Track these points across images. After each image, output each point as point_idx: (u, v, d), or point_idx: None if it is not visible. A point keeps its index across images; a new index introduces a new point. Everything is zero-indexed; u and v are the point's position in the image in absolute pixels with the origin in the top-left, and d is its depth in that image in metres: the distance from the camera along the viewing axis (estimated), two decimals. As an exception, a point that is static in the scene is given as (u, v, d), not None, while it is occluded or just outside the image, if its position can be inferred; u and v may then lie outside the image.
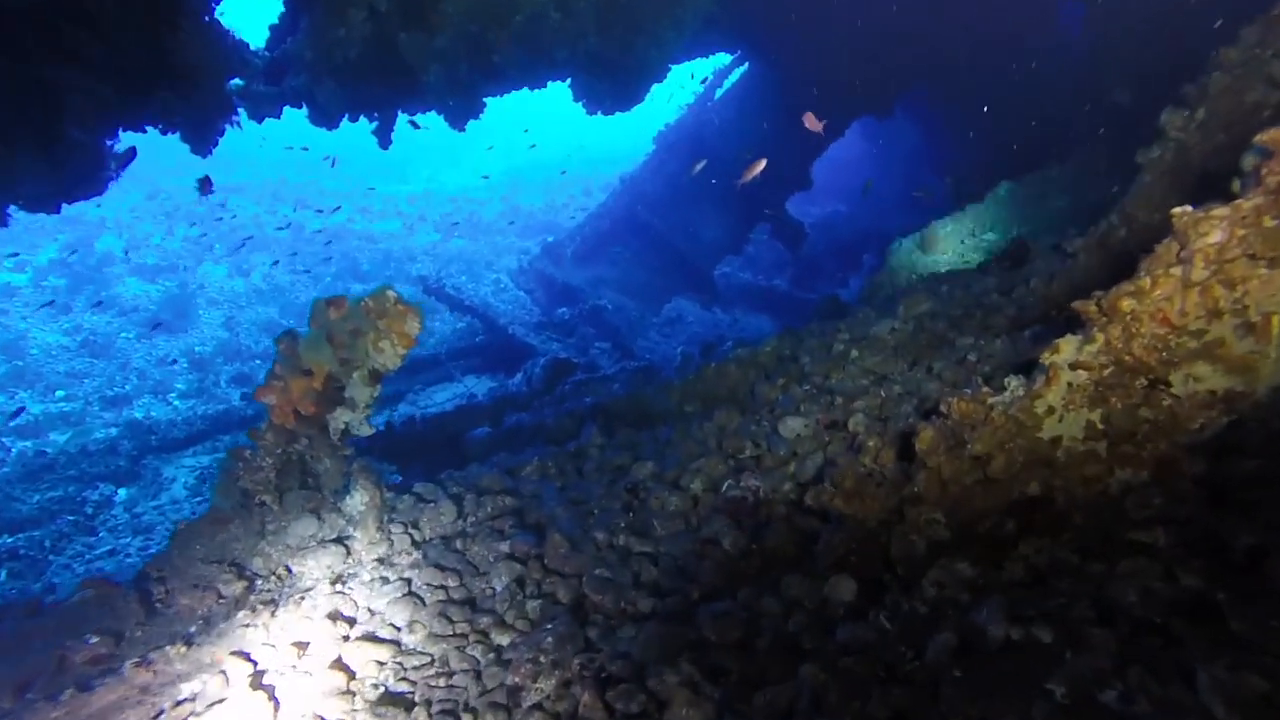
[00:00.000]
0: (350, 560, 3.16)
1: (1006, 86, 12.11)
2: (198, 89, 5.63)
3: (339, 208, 21.93)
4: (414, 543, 3.28)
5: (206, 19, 5.51)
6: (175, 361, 12.17)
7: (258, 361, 12.99)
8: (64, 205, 6.06)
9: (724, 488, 3.24)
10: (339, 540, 3.25)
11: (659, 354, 14.56)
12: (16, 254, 16.22)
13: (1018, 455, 2.22)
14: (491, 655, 2.42)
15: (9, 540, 6.70)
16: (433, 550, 3.14)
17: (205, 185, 5.48)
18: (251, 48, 6.38)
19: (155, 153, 10.67)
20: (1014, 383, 2.33)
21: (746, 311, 17.39)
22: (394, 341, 3.02)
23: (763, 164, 8.29)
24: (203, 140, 6.03)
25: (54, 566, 6.34)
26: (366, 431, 3.28)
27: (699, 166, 9.60)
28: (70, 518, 7.09)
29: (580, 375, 8.81)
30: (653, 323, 16.00)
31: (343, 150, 18.06)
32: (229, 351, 13.14)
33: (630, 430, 5.08)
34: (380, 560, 3.10)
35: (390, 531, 3.33)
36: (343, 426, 3.19)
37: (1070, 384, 2.16)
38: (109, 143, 6.14)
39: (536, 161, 31.34)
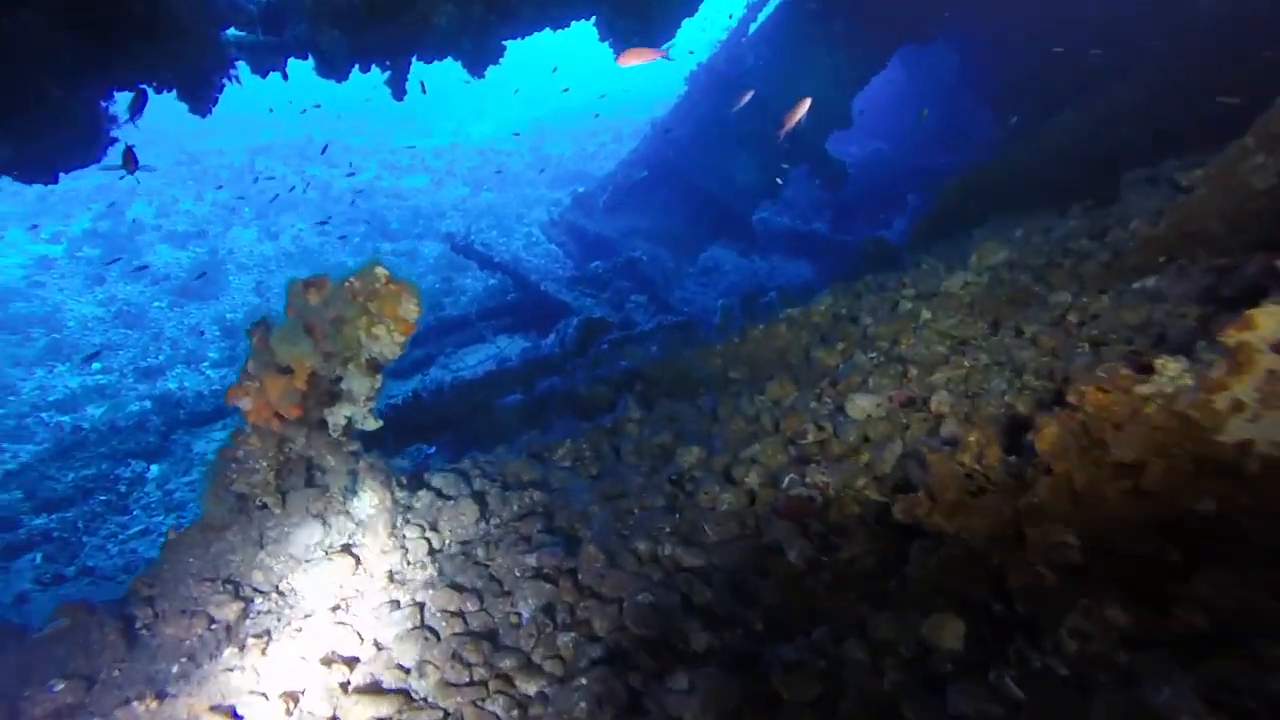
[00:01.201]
0: (360, 572, 2.79)
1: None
2: (184, 40, 5.15)
3: (353, 173, 21.53)
4: (431, 550, 2.89)
5: (190, -40, 4.99)
6: (204, 332, 12.00)
7: (289, 327, 12.77)
8: (62, 175, 5.70)
9: (785, 483, 2.77)
10: (347, 548, 2.88)
11: (697, 305, 14.03)
12: (36, 225, 16.20)
13: (1185, 463, 1.70)
14: (516, 713, 2.02)
15: (42, 521, 6.58)
16: (450, 564, 2.74)
17: (129, 160, 5.04)
18: (244, -8, 5.86)
19: (182, 116, 10.37)
20: (1173, 367, 1.79)
21: (785, 257, 16.70)
22: (390, 327, 2.57)
23: (806, 105, 7.58)
24: (200, 99, 5.58)
25: (88, 548, 6.20)
26: (373, 425, 2.87)
27: (745, 99, 8.85)
28: (103, 497, 6.94)
29: (615, 334, 8.35)
30: (689, 272, 15.43)
31: (365, 105, 17.55)
32: (260, 317, 12.94)
33: (670, 402, 4.61)
34: (391, 576, 2.72)
35: (404, 536, 2.94)
36: (344, 422, 2.78)
37: (1273, 372, 1.62)
38: (103, 104, 5.72)
39: (564, 108, 30.40)
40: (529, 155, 24.22)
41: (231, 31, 5.80)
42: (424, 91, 7.43)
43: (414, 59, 7.49)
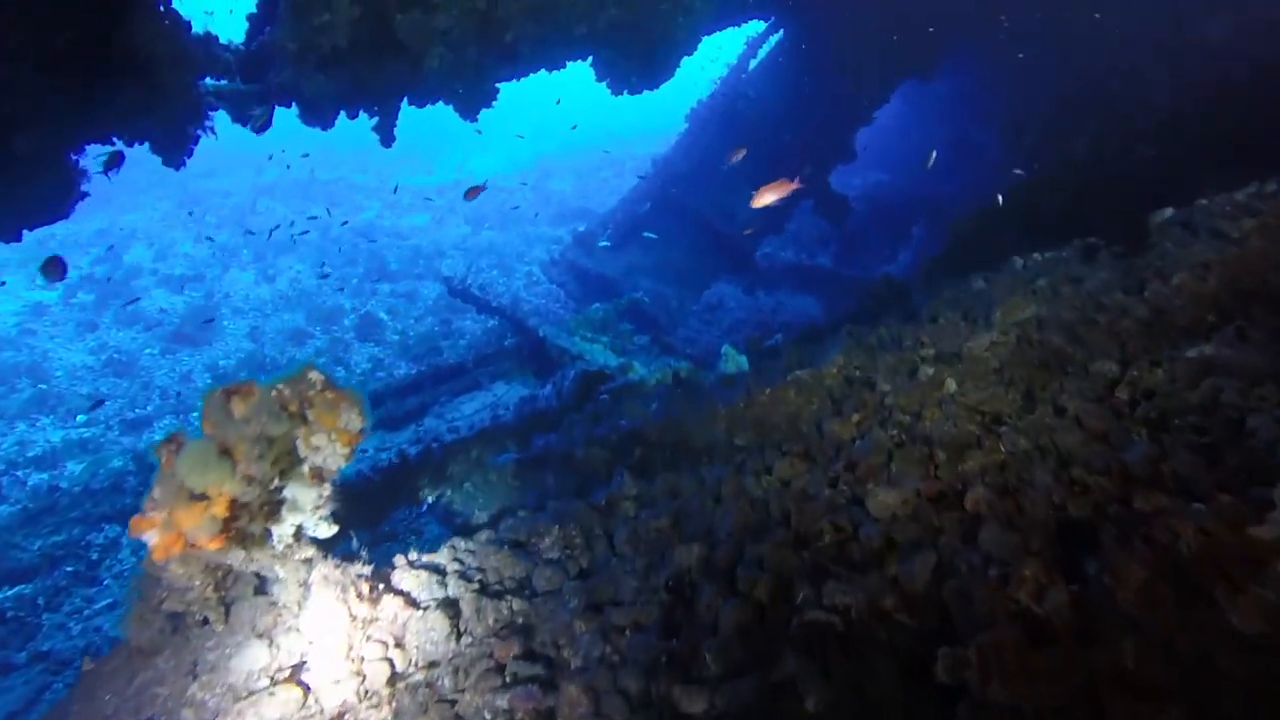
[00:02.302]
0: (309, 707, 2.40)
1: (1064, 35, 10.88)
2: (160, 92, 4.88)
3: (346, 222, 21.41)
4: (392, 675, 2.50)
5: (161, 8, 4.74)
6: (193, 378, 11.71)
7: (282, 373, 12.46)
8: (26, 231, 5.42)
9: (799, 599, 2.38)
10: (296, 674, 2.49)
11: (701, 344, 13.74)
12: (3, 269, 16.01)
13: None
14: None
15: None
16: (412, 700, 2.35)
17: (54, 269, 4.78)
18: (221, 41, 5.61)
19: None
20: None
21: (790, 293, 16.46)
22: (332, 438, 2.21)
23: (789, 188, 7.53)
24: (174, 151, 5.30)
25: (46, 629, 5.79)
26: (326, 532, 2.50)
27: (738, 155, 8.67)
28: (71, 567, 6.55)
29: (617, 382, 8.01)
30: (693, 310, 15.15)
31: (368, 142, 17.42)
32: (253, 364, 12.65)
33: (671, 474, 4.23)
34: (342, 716, 2.32)
35: (363, 658, 2.55)
36: (291, 532, 2.41)
37: None
38: (73, 157, 5.46)
39: (568, 144, 30.45)
40: (531, 192, 24.13)
41: (209, 81, 5.55)
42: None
43: (404, 103, 7.26)
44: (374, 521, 6.88)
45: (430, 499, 6.89)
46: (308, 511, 2.36)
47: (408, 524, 6.94)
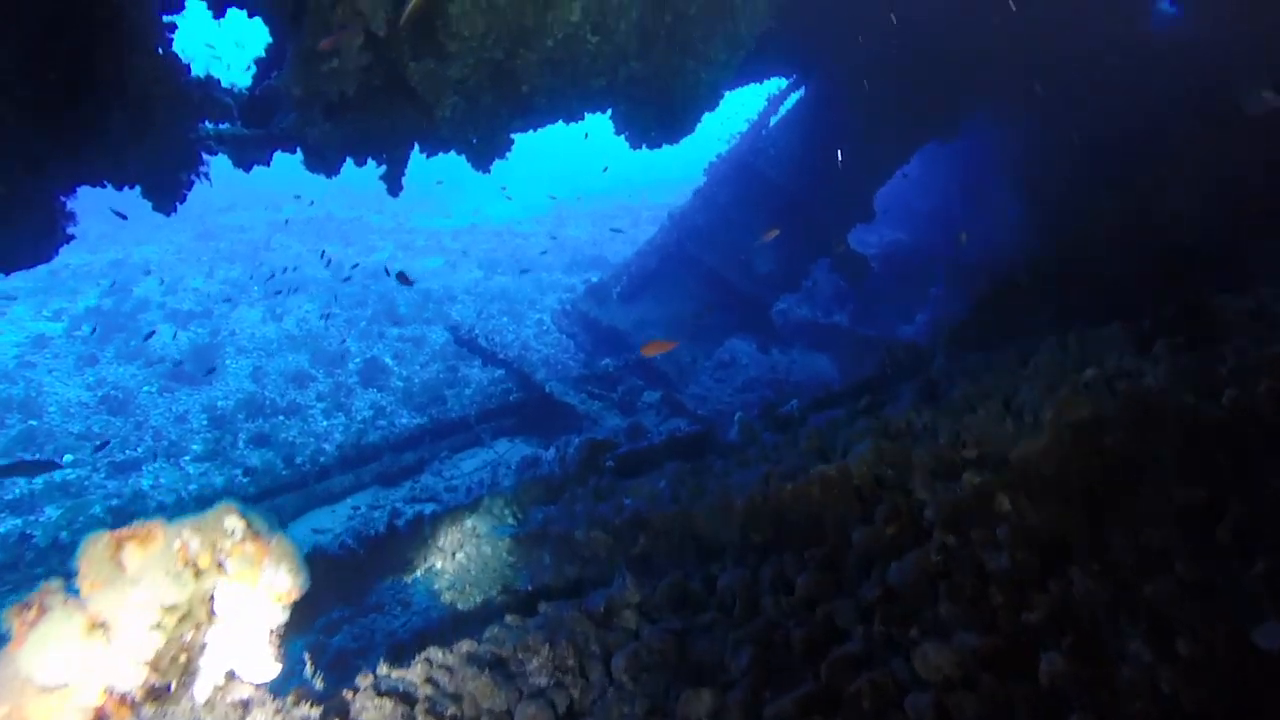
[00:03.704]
0: None
1: (1087, 95, 10.66)
2: (150, 135, 4.61)
3: (356, 264, 21.35)
4: None
5: (160, 50, 4.50)
6: (189, 419, 11.36)
7: (281, 418, 12.13)
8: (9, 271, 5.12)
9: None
10: None
11: (712, 403, 13.35)
12: (14, 298, 15.90)
13: None
14: None
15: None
16: None
17: None
18: (224, 84, 5.38)
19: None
20: None
21: (805, 351, 16.12)
22: (261, 594, 1.80)
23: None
24: (166, 196, 5.02)
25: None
26: (267, 671, 2.07)
27: (770, 236, 8.43)
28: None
29: (624, 448, 7.59)
30: (705, 366, 14.79)
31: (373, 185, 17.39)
32: (253, 406, 12.32)
33: (678, 574, 3.79)
34: None
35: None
36: (221, 677, 1.99)
37: None
38: (62, 198, 5.18)
39: (585, 190, 30.56)
40: (546, 238, 24.05)
41: (209, 125, 5.29)
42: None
43: (414, 150, 7.02)
44: (361, 592, 6.43)
45: (420, 572, 6.44)
46: (238, 655, 1.95)
47: (395, 595, 6.49)
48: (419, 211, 28.95)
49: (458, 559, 6.58)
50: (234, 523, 1.88)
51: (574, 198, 29.74)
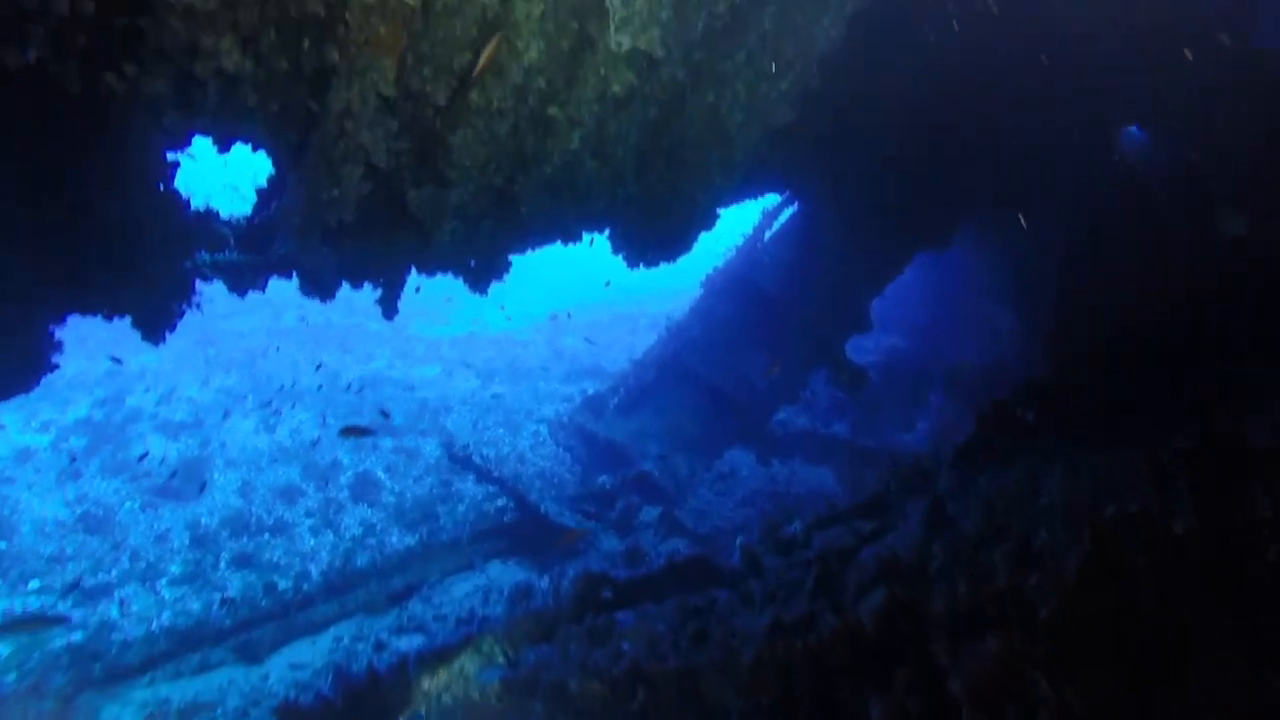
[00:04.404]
0: None
1: (1069, 218, 10.91)
2: (149, 265, 4.57)
3: (349, 385, 21.38)
4: None
5: (161, 188, 4.51)
6: (170, 538, 10.94)
7: (266, 536, 11.70)
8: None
9: None
10: None
11: (713, 518, 12.99)
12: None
13: None
14: None
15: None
16: None
17: None
18: (223, 216, 5.41)
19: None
20: None
21: (805, 462, 15.87)
22: None
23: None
24: (156, 327, 4.93)
25: None
26: None
27: (774, 369, 8.43)
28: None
29: (622, 575, 7.25)
30: (704, 478, 14.51)
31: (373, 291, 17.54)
32: (238, 523, 11.91)
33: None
34: None
35: None
36: None
37: None
38: (50, 327, 5.09)
39: (584, 300, 31.02)
40: (545, 347, 24.15)
41: (203, 255, 5.28)
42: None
43: (410, 272, 7.02)
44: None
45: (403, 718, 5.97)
46: None
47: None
48: (419, 319, 29.22)
49: (444, 702, 6.13)
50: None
51: (574, 307, 30.15)
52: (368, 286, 6.88)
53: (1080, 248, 10.11)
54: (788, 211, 13.88)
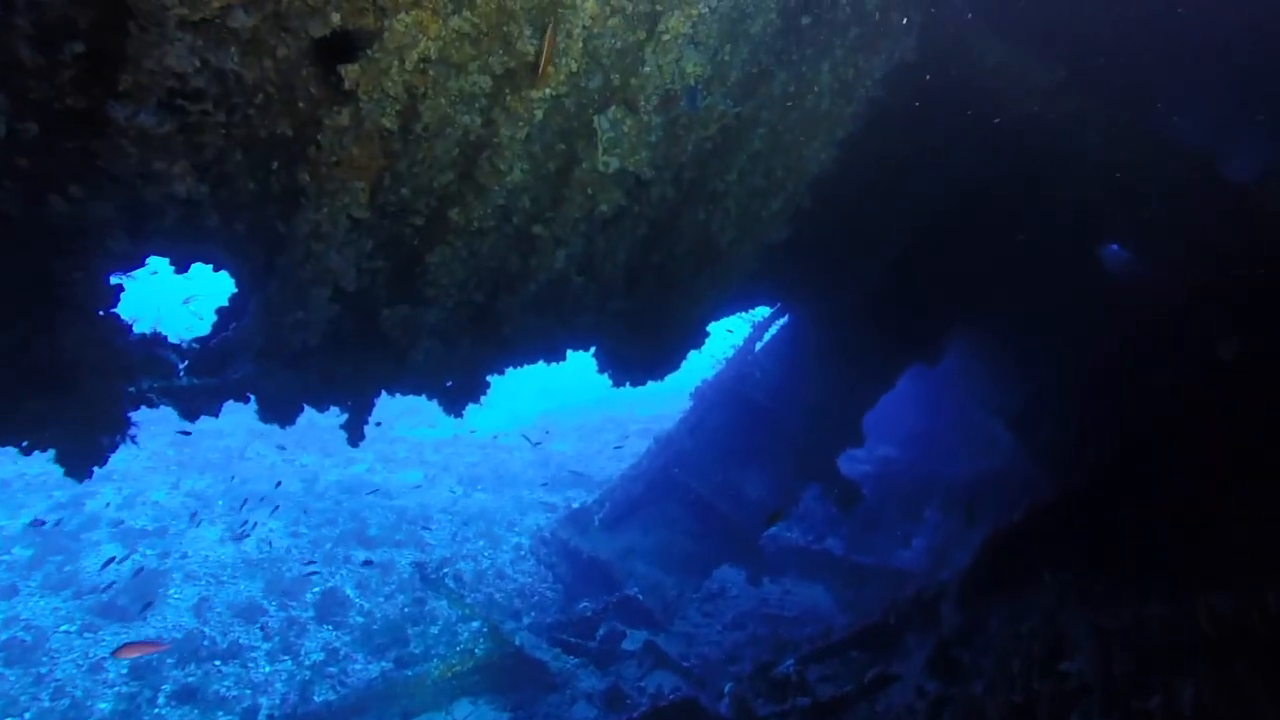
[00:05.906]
0: None
1: (1066, 328, 10.74)
2: (73, 401, 4.13)
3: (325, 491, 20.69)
4: None
5: (101, 313, 4.14)
6: (105, 667, 10.01)
7: (217, 663, 10.77)
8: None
9: None
10: None
11: (701, 645, 12.16)
12: None
13: None
14: None
15: None
16: None
17: None
18: (171, 341, 5.03)
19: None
20: None
21: (798, 580, 15.10)
22: None
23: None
24: (83, 462, 4.45)
25: None
26: None
27: (776, 520, 8.03)
28: None
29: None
30: (692, 599, 13.70)
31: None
32: (187, 648, 10.98)
33: None
34: None
35: None
36: None
37: None
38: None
39: (573, 403, 30.65)
40: (530, 453, 23.55)
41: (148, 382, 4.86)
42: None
43: (380, 394, 6.60)
44: None
45: None
46: None
47: None
48: (404, 419, 28.66)
49: None
50: None
51: (565, 409, 29.78)
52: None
53: (1079, 371, 9.89)
54: (778, 323, 13.71)
